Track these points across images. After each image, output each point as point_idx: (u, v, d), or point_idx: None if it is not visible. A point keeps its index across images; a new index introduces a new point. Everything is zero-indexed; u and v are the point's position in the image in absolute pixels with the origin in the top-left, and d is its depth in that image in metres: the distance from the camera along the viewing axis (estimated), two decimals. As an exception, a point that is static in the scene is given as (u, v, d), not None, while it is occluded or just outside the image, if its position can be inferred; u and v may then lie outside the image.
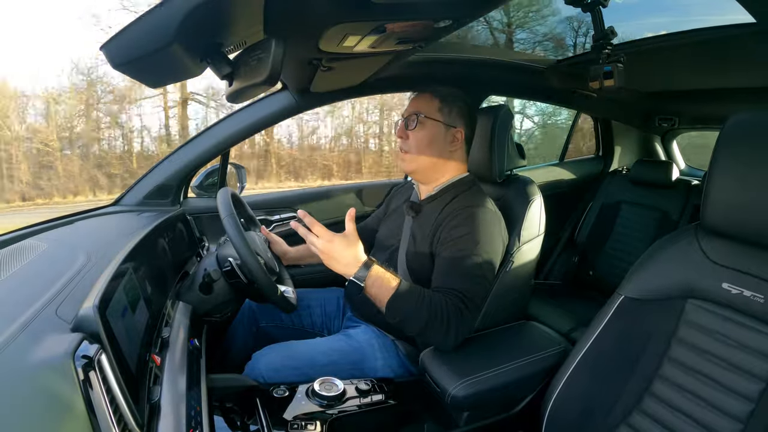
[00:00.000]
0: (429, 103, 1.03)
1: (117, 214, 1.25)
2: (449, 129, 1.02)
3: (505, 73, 1.57)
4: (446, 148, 1.03)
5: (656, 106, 1.99)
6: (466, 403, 0.85)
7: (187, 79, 0.86)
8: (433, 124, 1.02)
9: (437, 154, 1.03)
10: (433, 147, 1.02)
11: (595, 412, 0.79)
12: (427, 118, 1.02)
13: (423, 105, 1.03)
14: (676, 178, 1.81)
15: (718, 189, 0.69)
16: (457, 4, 0.75)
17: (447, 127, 1.02)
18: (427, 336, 0.87)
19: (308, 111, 1.69)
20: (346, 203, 1.65)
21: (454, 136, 1.03)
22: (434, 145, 1.02)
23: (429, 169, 1.05)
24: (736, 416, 0.66)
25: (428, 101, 1.03)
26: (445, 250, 0.93)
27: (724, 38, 1.10)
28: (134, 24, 0.55)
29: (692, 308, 0.74)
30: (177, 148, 1.34)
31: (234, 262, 0.92)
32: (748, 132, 0.67)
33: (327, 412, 0.80)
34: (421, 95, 1.06)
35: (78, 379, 0.43)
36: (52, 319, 0.53)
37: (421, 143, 1.02)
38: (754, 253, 0.68)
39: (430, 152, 1.02)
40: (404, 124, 1.04)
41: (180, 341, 0.74)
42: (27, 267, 0.72)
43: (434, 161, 1.03)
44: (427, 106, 1.03)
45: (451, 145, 1.03)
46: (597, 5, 1.03)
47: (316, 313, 1.21)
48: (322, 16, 0.72)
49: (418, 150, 1.02)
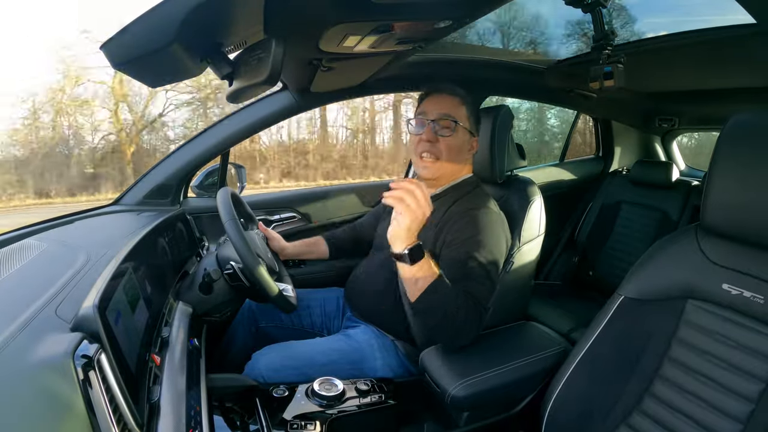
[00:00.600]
0: (458, 108, 0.99)
1: (117, 214, 1.26)
2: (472, 137, 1.02)
3: (505, 73, 1.57)
4: (465, 156, 1.02)
5: (656, 107, 1.99)
6: (466, 403, 0.85)
7: (187, 79, 0.85)
8: (463, 131, 0.99)
9: (461, 162, 1.01)
10: (460, 155, 1.00)
11: (595, 412, 0.79)
12: (459, 125, 0.98)
13: (454, 110, 0.98)
14: (676, 178, 1.81)
15: (718, 189, 0.69)
16: (457, 4, 0.75)
17: (471, 135, 1.01)
18: (439, 333, 0.86)
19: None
20: (346, 203, 1.65)
21: (472, 144, 1.03)
22: (462, 153, 1.00)
23: (446, 176, 1.03)
24: (736, 417, 0.65)
25: (458, 106, 0.99)
26: (450, 252, 0.92)
27: (724, 38, 1.10)
28: (134, 24, 0.55)
29: (692, 309, 0.74)
30: (177, 148, 1.34)
31: (236, 265, 0.92)
32: (748, 132, 0.67)
33: (326, 412, 0.80)
34: (450, 98, 1.00)
35: (78, 378, 0.43)
36: (52, 318, 0.53)
37: (451, 151, 0.98)
38: (754, 253, 0.68)
39: (456, 160, 1.00)
40: (433, 128, 0.98)
41: (180, 341, 0.74)
42: (27, 267, 0.72)
43: (455, 168, 1.02)
44: (459, 112, 0.99)
45: (469, 153, 1.03)
46: (597, 6, 1.03)
47: (316, 313, 1.21)
48: (322, 16, 0.72)
49: (448, 158, 0.98)
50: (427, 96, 1.04)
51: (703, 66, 1.39)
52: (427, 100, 1.02)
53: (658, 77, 1.60)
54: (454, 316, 0.82)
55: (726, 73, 1.40)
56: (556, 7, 1.26)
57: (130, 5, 1.06)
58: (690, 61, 1.36)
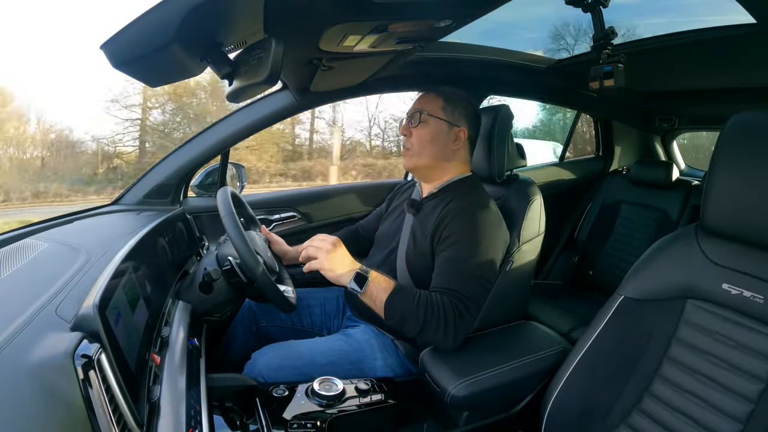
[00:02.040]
0: (433, 101, 1.04)
1: (117, 214, 1.25)
2: (452, 128, 1.03)
3: (505, 73, 1.57)
4: (449, 147, 1.04)
5: (656, 106, 1.99)
6: (465, 403, 0.85)
7: (187, 79, 0.86)
8: (435, 122, 1.03)
9: (439, 152, 1.04)
10: (435, 144, 1.03)
11: (595, 412, 0.79)
12: (429, 116, 1.03)
13: (427, 103, 1.04)
14: (676, 178, 1.81)
15: (718, 189, 0.69)
16: (457, 4, 0.75)
17: (450, 126, 1.03)
18: (425, 337, 0.88)
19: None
20: (346, 203, 1.65)
21: (456, 135, 1.03)
22: (436, 142, 1.03)
23: (430, 167, 1.05)
24: (736, 417, 0.66)
25: (432, 100, 1.04)
26: (445, 250, 0.93)
27: (724, 38, 1.10)
28: (134, 24, 0.55)
29: (692, 308, 0.74)
30: (177, 148, 1.34)
31: (234, 261, 0.92)
32: (748, 132, 0.67)
33: (326, 412, 0.80)
34: (426, 94, 1.07)
35: (78, 378, 0.43)
36: (52, 318, 0.53)
37: (423, 140, 1.03)
38: (754, 253, 0.68)
39: (431, 149, 1.03)
40: (409, 122, 1.05)
41: (180, 341, 0.74)
42: (27, 266, 0.72)
43: (436, 159, 1.04)
44: (431, 105, 1.04)
45: (454, 144, 1.04)
46: (597, 5, 1.02)
47: (316, 313, 1.21)
48: (322, 16, 0.72)
49: (420, 147, 1.03)
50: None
51: (703, 66, 1.39)
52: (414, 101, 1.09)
53: (658, 77, 1.60)
54: (432, 318, 0.85)
55: (726, 73, 1.40)
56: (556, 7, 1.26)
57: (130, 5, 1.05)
58: (690, 61, 1.36)
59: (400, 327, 0.88)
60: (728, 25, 1.06)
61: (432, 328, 0.85)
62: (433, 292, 0.89)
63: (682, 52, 1.26)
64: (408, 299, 0.86)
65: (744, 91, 1.48)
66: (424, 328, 0.85)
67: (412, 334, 0.88)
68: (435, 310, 0.85)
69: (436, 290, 0.89)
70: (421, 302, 0.86)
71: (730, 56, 1.23)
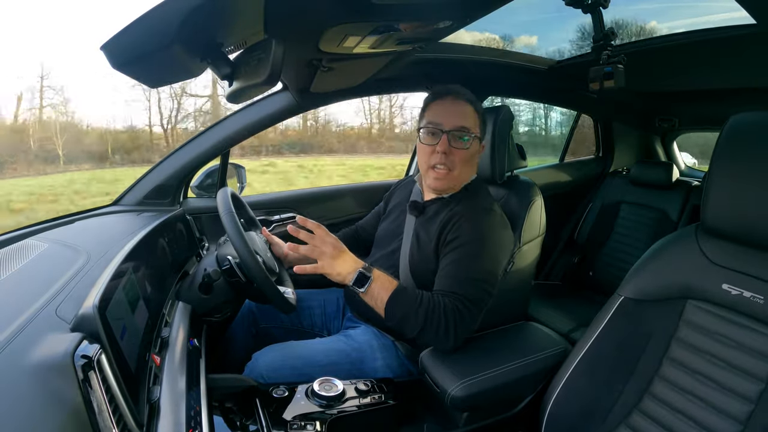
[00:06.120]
0: (472, 117, 0.97)
1: (117, 214, 1.25)
2: (480, 143, 1.01)
3: (505, 73, 1.57)
4: (476, 160, 1.02)
5: (656, 107, 1.99)
6: (465, 404, 0.85)
7: (187, 79, 0.86)
8: (476, 141, 0.98)
9: (472, 169, 1.02)
10: (473, 162, 1.01)
11: (595, 412, 0.79)
12: (474, 136, 0.96)
13: (469, 120, 0.96)
14: (676, 178, 1.81)
15: (719, 189, 0.69)
16: (457, 5, 0.75)
17: (480, 141, 1.00)
18: (425, 338, 0.87)
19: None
20: (346, 204, 1.65)
21: (480, 149, 1.03)
22: (474, 160, 1.01)
23: (457, 186, 1.02)
24: (736, 417, 0.65)
25: (471, 115, 0.97)
26: (450, 253, 0.92)
27: (724, 38, 1.10)
28: (134, 24, 0.55)
29: (692, 309, 0.74)
30: (177, 148, 1.34)
31: (233, 260, 0.92)
32: (748, 132, 0.67)
33: (326, 412, 0.80)
34: (460, 105, 0.97)
35: (78, 378, 0.43)
36: (52, 318, 0.53)
37: (466, 163, 0.97)
38: (754, 254, 0.68)
39: (469, 169, 1.00)
40: (448, 139, 0.94)
41: (180, 341, 0.74)
42: (27, 267, 0.72)
43: (466, 177, 1.02)
44: (473, 122, 0.97)
45: (477, 157, 1.03)
46: (597, 6, 1.03)
47: (316, 314, 1.20)
48: (322, 17, 0.72)
49: (461, 168, 0.97)
50: (434, 100, 0.99)
51: (703, 66, 1.39)
52: (438, 107, 0.98)
53: (658, 78, 1.60)
54: (433, 319, 0.84)
55: (726, 73, 1.40)
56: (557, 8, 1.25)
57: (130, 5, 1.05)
58: (690, 61, 1.36)
59: (400, 327, 0.87)
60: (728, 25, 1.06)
61: (432, 330, 0.85)
62: (435, 294, 0.88)
63: (682, 52, 1.26)
64: (409, 300, 0.86)
65: (744, 91, 1.48)
66: (425, 330, 0.85)
67: (412, 334, 0.87)
68: (436, 312, 0.84)
69: (438, 292, 0.89)
70: (422, 304, 0.85)
71: (730, 56, 1.23)
